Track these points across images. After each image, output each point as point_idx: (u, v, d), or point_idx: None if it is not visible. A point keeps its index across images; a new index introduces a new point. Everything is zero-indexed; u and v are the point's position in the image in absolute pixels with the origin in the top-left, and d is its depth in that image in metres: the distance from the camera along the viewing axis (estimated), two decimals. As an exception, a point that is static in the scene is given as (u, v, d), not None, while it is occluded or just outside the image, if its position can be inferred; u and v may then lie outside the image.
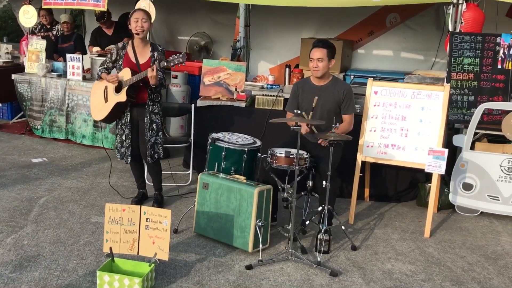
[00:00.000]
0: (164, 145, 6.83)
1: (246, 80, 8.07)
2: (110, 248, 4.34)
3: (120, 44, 5.78)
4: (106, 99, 5.73)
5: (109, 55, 5.84)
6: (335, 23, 8.88)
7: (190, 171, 6.89)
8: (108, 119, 5.81)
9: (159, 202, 5.97)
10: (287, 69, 8.47)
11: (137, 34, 5.52)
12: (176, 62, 5.37)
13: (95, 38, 9.03)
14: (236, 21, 9.24)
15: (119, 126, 5.81)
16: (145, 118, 5.69)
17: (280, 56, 9.36)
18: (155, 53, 5.62)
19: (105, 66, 5.82)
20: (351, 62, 8.89)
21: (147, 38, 5.85)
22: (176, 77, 8.35)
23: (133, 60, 5.62)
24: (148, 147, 5.73)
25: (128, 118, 5.72)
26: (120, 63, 5.70)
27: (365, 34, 8.85)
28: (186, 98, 8.36)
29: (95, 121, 8.10)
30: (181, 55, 5.34)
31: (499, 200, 6.11)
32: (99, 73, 5.82)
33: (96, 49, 8.66)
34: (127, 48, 5.71)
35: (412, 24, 8.61)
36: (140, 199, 6.03)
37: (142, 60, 5.61)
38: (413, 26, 8.61)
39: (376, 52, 8.85)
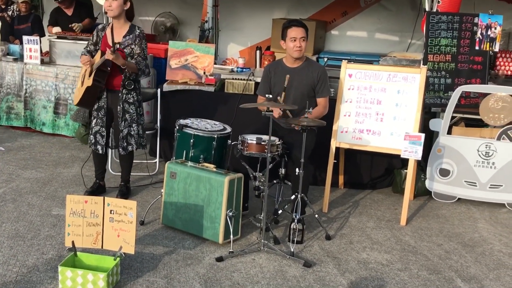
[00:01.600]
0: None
1: (215, 63, 8.03)
2: (73, 242, 4.30)
3: (100, 26, 5.77)
4: (82, 83, 5.73)
5: (91, 38, 5.82)
6: (307, 2, 8.89)
7: (157, 160, 6.85)
8: (82, 104, 5.78)
9: (124, 194, 5.92)
10: (258, 52, 8.45)
11: (106, 13, 5.51)
12: (126, 44, 5.40)
13: (54, 19, 8.89)
14: (204, 1, 9.18)
15: (93, 111, 5.76)
16: (118, 107, 5.65)
17: (250, 38, 9.35)
18: (131, 36, 5.57)
19: (87, 49, 5.78)
20: (325, 44, 8.92)
21: (125, 19, 5.72)
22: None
23: (110, 42, 5.57)
24: (120, 137, 5.69)
25: (105, 103, 5.69)
26: (99, 46, 5.68)
27: (338, 14, 8.87)
28: (152, 83, 8.29)
29: (55, 108, 8.01)
30: (131, 36, 5.36)
31: (476, 186, 6.21)
32: (81, 54, 5.78)
33: (56, 29, 8.53)
34: (106, 30, 5.68)
35: (387, 4, 8.66)
36: (95, 190, 5.91)
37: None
38: (388, 6, 8.66)
39: (350, 33, 8.89)
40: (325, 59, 8.02)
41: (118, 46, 5.35)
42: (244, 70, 7.70)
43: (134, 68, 5.52)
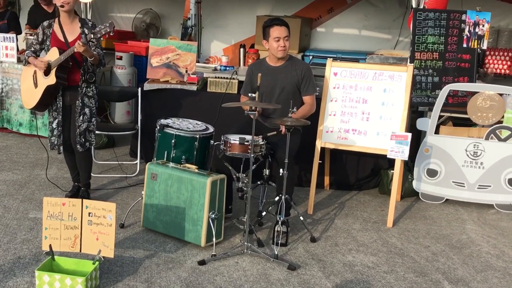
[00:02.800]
0: (109, 133, 6.81)
1: (198, 62, 8.05)
2: (50, 246, 4.30)
3: (45, 23, 5.64)
4: (36, 85, 5.64)
5: (35, 36, 5.72)
6: (292, -1, 8.95)
7: (138, 161, 6.86)
8: (39, 106, 5.70)
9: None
10: (241, 49, 8.48)
11: (62, 7, 5.41)
12: (103, 33, 5.30)
13: (33, 18, 8.84)
14: (186, -2, 9.23)
15: (51, 113, 5.71)
16: (77, 101, 5.59)
17: (234, 35, 9.36)
18: (85, 29, 5.53)
19: (32, 49, 5.67)
20: (310, 42, 8.96)
21: (75, 14, 5.70)
22: (120, 58, 8.27)
23: (61, 38, 5.53)
24: (77, 133, 5.62)
25: (60, 103, 5.63)
26: (48, 43, 5.57)
27: (324, 11, 8.91)
28: (132, 81, 8.30)
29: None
30: (108, 24, 5.28)
31: (464, 186, 6.27)
32: (26, 57, 5.67)
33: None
34: (54, 26, 5.60)
35: (374, 0, 8.71)
36: (75, 194, 5.90)
37: (71, 38, 5.52)
38: (375, 3, 8.71)
39: (337, 30, 8.94)
40: (311, 57, 8.06)
41: (92, 36, 5.29)
42: (227, 68, 7.71)
43: (97, 59, 5.51)
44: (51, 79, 5.46)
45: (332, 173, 6.64)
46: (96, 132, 5.88)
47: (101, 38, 5.45)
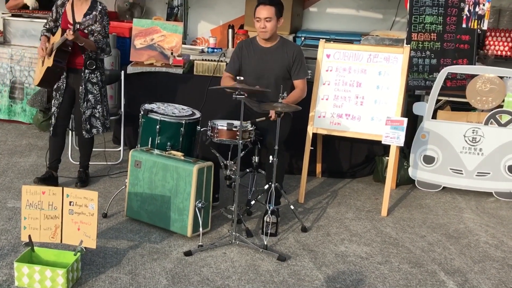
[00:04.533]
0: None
1: (184, 43, 8.05)
2: (29, 236, 4.33)
3: (59, 1, 5.79)
4: (43, 63, 5.79)
5: (50, 14, 5.86)
6: (283, -23, 8.91)
7: (121, 148, 6.88)
8: (43, 84, 5.88)
9: (84, 181, 6.00)
10: (230, 30, 8.47)
11: None
12: (87, 25, 5.47)
13: None
14: (172, -25, 9.18)
15: (53, 93, 5.85)
16: (80, 87, 5.74)
17: (222, 16, 9.32)
18: (93, 12, 5.63)
19: (47, 26, 5.85)
20: (302, 22, 8.93)
21: None
22: (104, 40, 8.25)
23: (70, 19, 5.65)
24: (83, 119, 5.78)
25: (64, 84, 5.77)
26: (59, 23, 5.73)
27: (317, -11, 8.91)
28: (115, 64, 8.26)
29: (10, 92, 7.99)
30: (91, 16, 5.47)
31: (462, 173, 6.33)
32: (41, 35, 5.85)
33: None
34: (66, 6, 5.72)
35: (369, -22, 8.72)
36: (45, 179, 5.87)
37: (78, 19, 5.62)
38: (370, -19, 8.71)
39: (330, 10, 8.91)
40: (302, 38, 8.05)
41: (78, 27, 5.37)
42: (215, 50, 7.71)
43: (93, 46, 5.60)
44: (50, 61, 5.59)
45: (325, 160, 6.68)
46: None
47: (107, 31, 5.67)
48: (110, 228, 5.11)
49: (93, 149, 6.23)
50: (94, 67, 5.75)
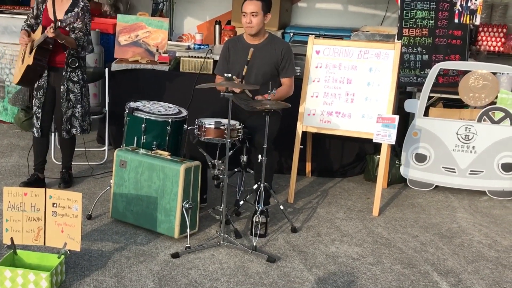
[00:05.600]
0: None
1: (170, 40, 8.04)
2: (11, 239, 4.31)
3: None
4: (22, 61, 5.76)
5: (31, 10, 5.84)
6: (271, -29, 8.91)
7: (106, 147, 6.87)
8: (23, 83, 5.86)
9: (66, 182, 5.99)
10: (217, 26, 8.47)
11: None
12: (68, 22, 5.39)
13: None
14: (157, -31, 9.16)
15: (34, 91, 5.81)
16: (62, 86, 5.71)
17: (209, 11, 9.31)
18: (75, 9, 5.60)
19: (28, 22, 5.81)
20: (291, 18, 8.94)
21: None
22: (86, 36, 8.22)
23: (51, 16, 5.62)
24: (64, 120, 5.75)
25: (45, 83, 5.74)
26: (40, 19, 5.70)
27: (306, -16, 8.92)
28: (99, 61, 8.25)
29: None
30: (73, 14, 5.41)
31: (455, 172, 6.35)
32: (21, 30, 5.82)
33: None
34: (47, 2, 5.70)
35: (359, -28, 8.74)
36: (31, 183, 5.82)
37: (60, 16, 5.60)
38: (360, -25, 8.73)
39: (319, 5, 8.93)
40: (291, 34, 8.06)
41: (59, 24, 5.35)
42: (202, 47, 7.72)
43: (73, 44, 5.58)
44: (30, 60, 5.57)
45: (314, 159, 6.69)
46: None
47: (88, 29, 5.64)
48: (94, 230, 5.10)
49: (76, 149, 6.21)
50: (76, 65, 5.73)
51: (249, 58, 5.31)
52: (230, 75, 4.86)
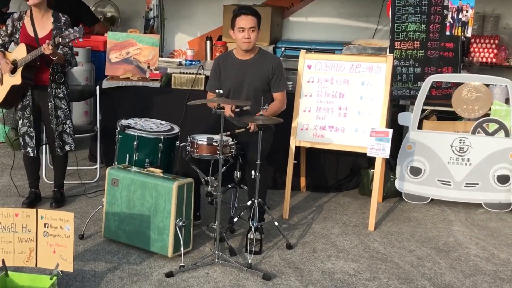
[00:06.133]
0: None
1: (161, 56, 8.04)
2: (3, 261, 4.28)
3: (16, 15, 5.70)
4: (1, 81, 5.68)
5: (4, 28, 5.76)
6: (262, -14, 8.96)
7: (98, 165, 6.85)
8: (4, 104, 5.80)
9: (58, 201, 5.96)
10: (208, 42, 8.49)
11: (27, 0, 5.47)
12: (72, 38, 5.33)
13: None
14: (148, -15, 9.19)
15: (18, 111, 5.76)
16: (49, 104, 5.67)
17: (200, 27, 9.36)
18: (58, 25, 5.58)
19: (0, 41, 5.73)
20: (282, 32, 8.99)
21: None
22: (76, 54, 8.18)
23: (31, 33, 5.57)
24: (56, 136, 5.74)
25: (30, 101, 5.69)
26: (17, 36, 5.63)
27: (297, -1, 8.97)
28: (90, 79, 8.26)
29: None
30: (77, 29, 5.31)
31: (450, 185, 6.35)
32: None
33: None
34: (24, 19, 5.63)
35: (350, -14, 8.79)
36: (33, 201, 5.92)
37: (41, 34, 5.56)
38: (351, -12, 8.78)
39: (311, 19, 8.98)
40: (283, 49, 8.07)
41: (61, 40, 5.32)
42: (193, 63, 7.72)
43: (63, 59, 5.56)
44: (17, 79, 5.51)
45: (309, 174, 6.69)
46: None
47: (70, 44, 5.50)
48: (87, 250, 5.06)
49: (68, 168, 6.19)
50: (62, 80, 5.70)
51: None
52: (221, 91, 4.86)
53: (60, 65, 5.62)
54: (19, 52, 5.51)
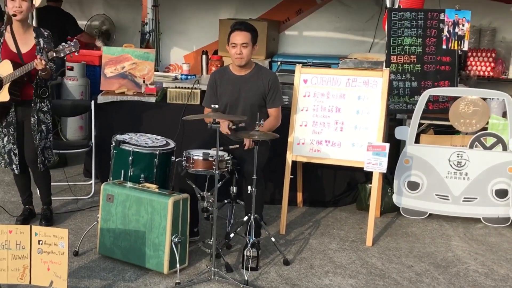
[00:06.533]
0: (61, 151, 6.75)
1: (157, 71, 8.06)
2: (-4, 278, 4.28)
3: None
4: None
5: None
6: (258, 1, 8.99)
7: (93, 181, 6.83)
8: None
9: (48, 219, 5.90)
10: (203, 56, 8.51)
11: (15, 15, 5.42)
12: (68, 52, 5.33)
13: None
14: (143, 1, 9.23)
15: (3, 128, 5.69)
16: (32, 118, 5.60)
17: (195, 41, 9.40)
18: (41, 40, 5.55)
19: None
20: (278, 46, 9.02)
21: (28, 21, 5.73)
22: (71, 68, 8.23)
23: (14, 49, 5.53)
24: (38, 153, 5.66)
25: (14, 118, 5.63)
26: None
27: (292, 12, 8.99)
28: (85, 94, 8.27)
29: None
30: (72, 43, 5.31)
31: (448, 199, 6.35)
32: None
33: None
34: (5, 35, 5.59)
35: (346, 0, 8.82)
36: (27, 217, 5.90)
37: (24, 49, 5.53)
38: (347, 3, 8.81)
39: (307, 33, 9.01)
40: (279, 63, 8.09)
41: (55, 55, 5.31)
42: (189, 77, 7.74)
43: (49, 74, 5.53)
44: (4, 96, 5.46)
45: (306, 189, 6.68)
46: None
47: (65, 58, 5.49)
48: (82, 267, 5.04)
49: (62, 184, 6.17)
50: (46, 94, 5.68)
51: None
52: (217, 106, 4.87)
53: (44, 79, 5.59)
54: (3, 69, 5.45)
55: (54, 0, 8.90)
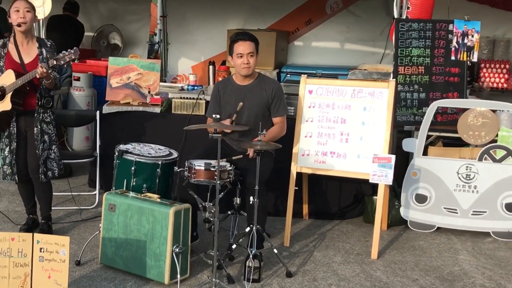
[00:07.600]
0: (65, 161, 6.86)
1: (164, 81, 8.17)
2: (-3, 286, 4.39)
3: None
4: None
5: None
6: (266, 11, 9.07)
7: (97, 191, 6.94)
8: None
9: (45, 233, 5.90)
10: (211, 67, 8.61)
11: (19, 26, 5.58)
12: (68, 60, 5.43)
13: None
14: (152, 12, 9.36)
15: (3, 139, 5.82)
16: (35, 128, 5.72)
17: (203, 52, 9.49)
18: (43, 50, 5.69)
19: None
20: (287, 57, 9.08)
21: (32, 32, 5.87)
22: (78, 79, 8.36)
23: (17, 59, 5.67)
24: (40, 163, 5.76)
25: (15, 129, 5.75)
26: (1, 64, 5.70)
27: (302, 23, 9.06)
28: (92, 104, 8.39)
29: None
30: (72, 51, 5.41)
31: (457, 213, 6.39)
32: None
33: None
34: (9, 46, 5.74)
35: (356, 10, 8.88)
36: (30, 227, 6.00)
37: (27, 59, 5.67)
38: (357, 13, 8.88)
39: (316, 44, 9.08)
40: (289, 74, 8.17)
41: (55, 62, 5.43)
42: (195, 88, 7.83)
43: (53, 83, 5.66)
44: (6, 105, 5.58)
45: (312, 201, 6.74)
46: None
47: (65, 66, 5.58)
48: (83, 276, 5.13)
49: (65, 194, 6.25)
50: (50, 104, 5.80)
51: (238, 110, 5.44)
52: (218, 116, 4.98)
53: (48, 89, 5.72)
54: (6, 78, 5.58)
55: (72, 11, 9.09)
